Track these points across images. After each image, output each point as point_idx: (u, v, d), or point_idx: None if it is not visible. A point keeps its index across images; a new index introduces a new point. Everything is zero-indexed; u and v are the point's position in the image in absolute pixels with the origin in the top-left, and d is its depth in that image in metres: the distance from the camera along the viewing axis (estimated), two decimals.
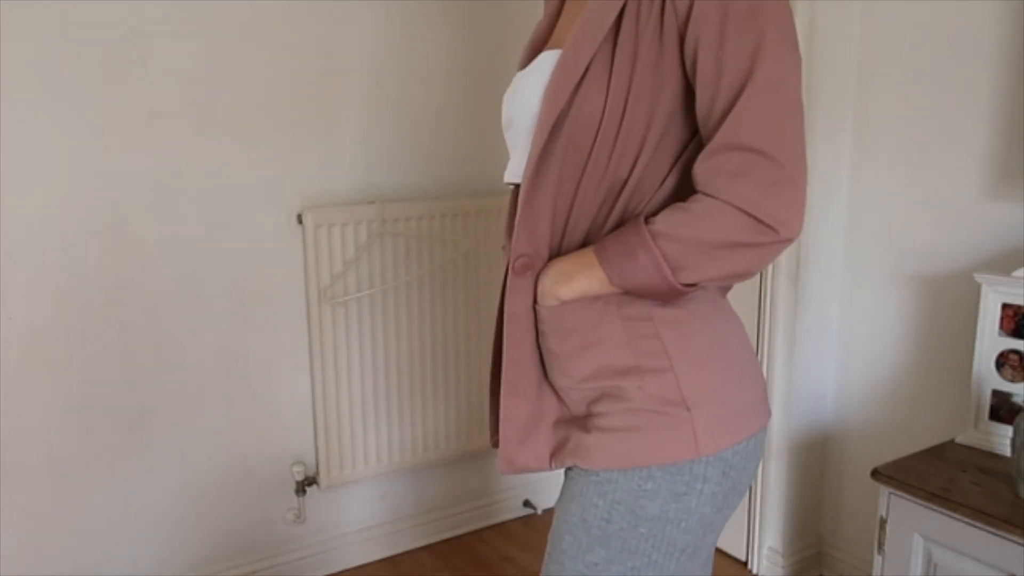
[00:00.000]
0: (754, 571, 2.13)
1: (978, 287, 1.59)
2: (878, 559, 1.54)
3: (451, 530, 2.38)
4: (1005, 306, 1.55)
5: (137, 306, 1.85)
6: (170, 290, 1.88)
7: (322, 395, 2.06)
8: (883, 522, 1.52)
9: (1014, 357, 1.54)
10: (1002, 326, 1.56)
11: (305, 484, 2.11)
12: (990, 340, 1.57)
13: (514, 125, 0.98)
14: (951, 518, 1.40)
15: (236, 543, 2.07)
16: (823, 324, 2.00)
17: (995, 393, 1.57)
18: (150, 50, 1.78)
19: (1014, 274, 1.53)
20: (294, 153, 1.98)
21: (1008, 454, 1.53)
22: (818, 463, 2.09)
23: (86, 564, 1.89)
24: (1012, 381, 1.55)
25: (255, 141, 1.93)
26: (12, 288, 1.72)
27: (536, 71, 0.94)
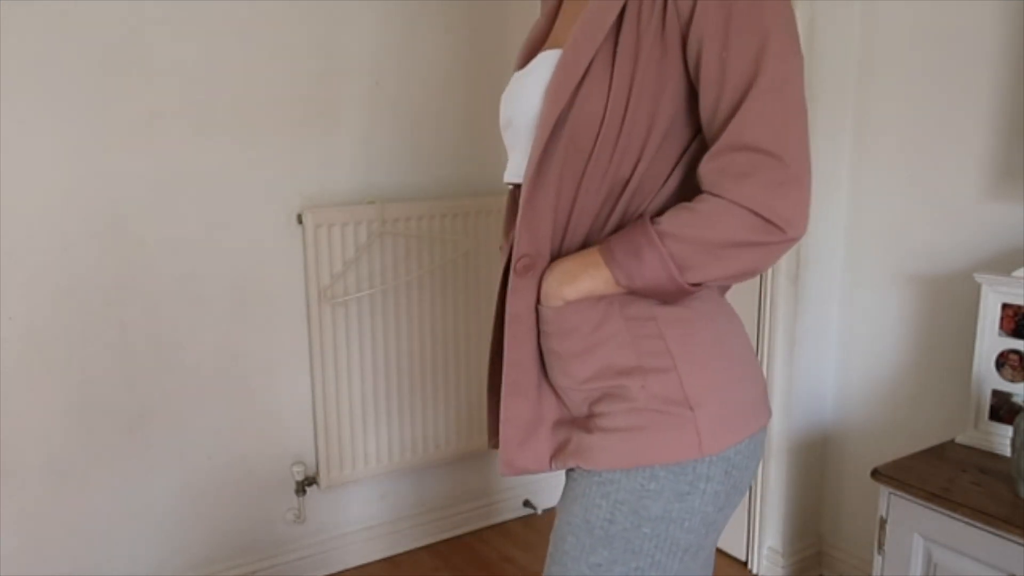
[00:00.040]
0: (754, 571, 2.13)
1: (978, 287, 1.59)
2: (878, 559, 1.54)
3: (451, 530, 2.38)
4: (1005, 306, 1.55)
5: (137, 306, 1.85)
6: (170, 290, 1.88)
7: (322, 395, 2.06)
8: (883, 522, 1.52)
9: (1014, 357, 1.54)
10: (1002, 326, 1.56)
11: (305, 484, 2.11)
12: (990, 340, 1.57)
13: (513, 125, 0.98)
14: (951, 518, 1.40)
15: (236, 543, 2.07)
16: (823, 324, 2.00)
17: (995, 393, 1.57)
18: (150, 50, 1.78)
19: (1014, 274, 1.53)
20: (294, 153, 1.98)
21: (1008, 454, 1.53)
22: (818, 463, 2.09)
23: (86, 564, 1.89)
24: (1012, 381, 1.55)
25: (255, 141, 1.93)
26: (12, 288, 1.72)
27: (535, 71, 0.94)
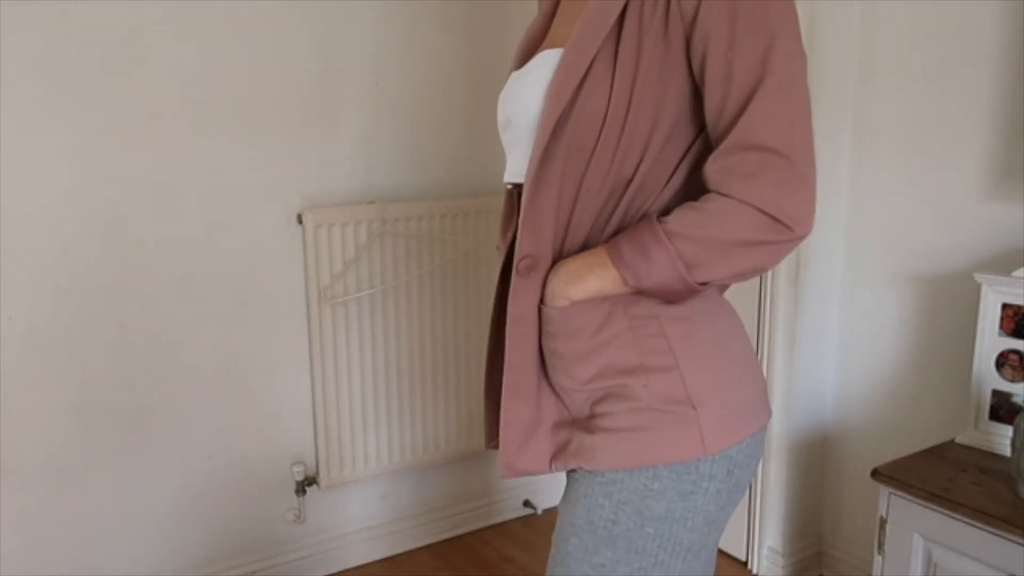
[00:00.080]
0: (754, 571, 2.13)
1: (978, 287, 1.59)
2: (878, 559, 1.54)
3: (451, 530, 2.38)
4: (1005, 306, 1.55)
5: (137, 306, 1.85)
6: (170, 290, 1.88)
7: (322, 395, 2.06)
8: (883, 522, 1.52)
9: (1014, 357, 1.54)
10: (1002, 326, 1.56)
11: (305, 484, 2.11)
12: (990, 340, 1.57)
13: (513, 125, 0.97)
14: (951, 518, 1.40)
15: (236, 543, 2.07)
16: (823, 324, 2.00)
17: (995, 393, 1.57)
18: (150, 50, 1.78)
19: (1014, 274, 1.53)
20: (294, 153, 1.98)
21: (1008, 454, 1.53)
22: (818, 463, 2.09)
23: (86, 564, 1.89)
24: (1012, 381, 1.55)
25: (255, 141, 1.93)
26: (12, 288, 1.72)
27: (535, 70, 0.94)
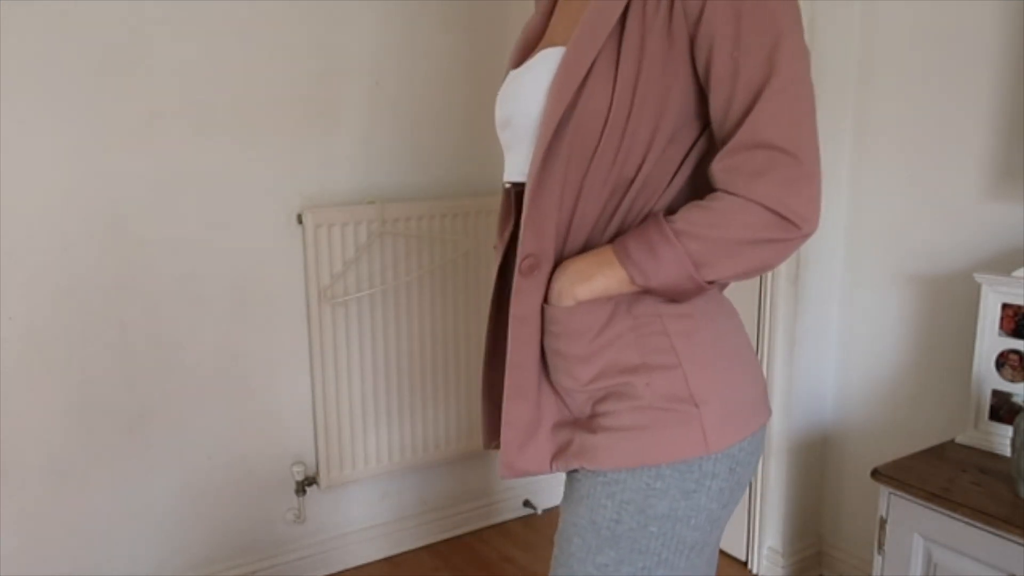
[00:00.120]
0: (754, 571, 2.13)
1: (978, 287, 1.59)
2: (878, 559, 1.54)
3: (451, 530, 2.38)
4: (1005, 306, 1.55)
5: (137, 306, 1.85)
6: (170, 290, 1.88)
7: (322, 395, 2.06)
8: (883, 522, 1.52)
9: (1014, 357, 1.54)
10: (1002, 326, 1.56)
11: (305, 484, 2.11)
12: (990, 340, 1.57)
13: (513, 124, 0.97)
14: (951, 518, 1.40)
15: (236, 543, 2.07)
16: (823, 324, 2.00)
17: (995, 393, 1.57)
18: (150, 50, 1.78)
19: (1014, 274, 1.53)
20: (294, 153, 1.98)
21: (1008, 454, 1.53)
22: (818, 463, 2.09)
23: (86, 564, 1.89)
24: (1012, 381, 1.55)
25: (255, 141, 1.93)
26: (12, 288, 1.72)
27: (534, 69, 0.93)
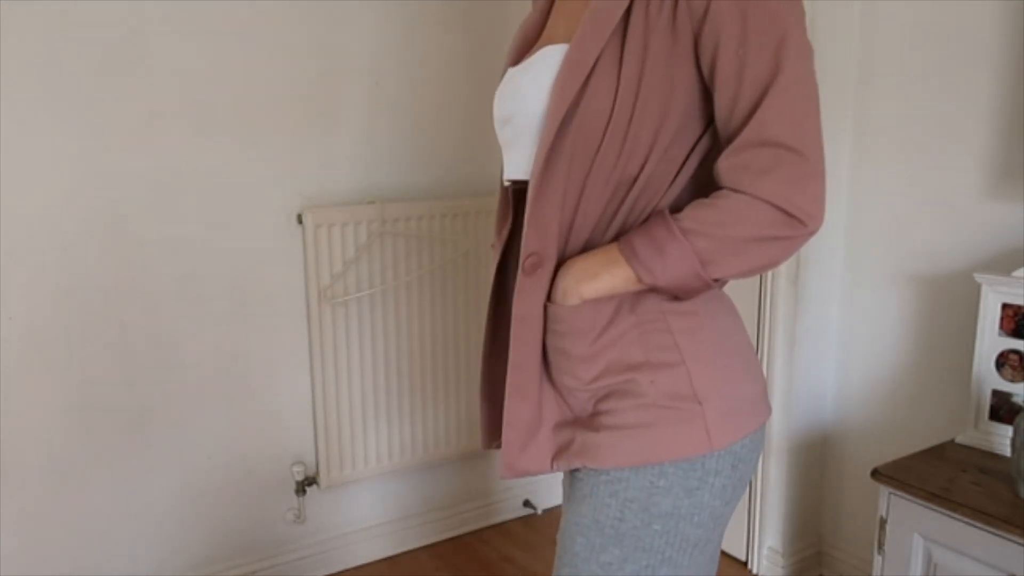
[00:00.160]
0: (754, 571, 2.13)
1: (978, 287, 1.59)
2: (878, 559, 1.54)
3: (451, 530, 2.38)
4: (1005, 306, 1.55)
5: (137, 306, 1.85)
6: (170, 290, 1.88)
7: (322, 395, 2.06)
8: (883, 522, 1.52)
9: (1014, 357, 1.54)
10: (1002, 326, 1.56)
11: (305, 484, 2.11)
12: (990, 340, 1.57)
13: (513, 121, 0.96)
14: (951, 518, 1.40)
15: (236, 543, 2.07)
16: (823, 324, 2.00)
17: (995, 393, 1.57)
18: (150, 50, 1.78)
19: (1014, 274, 1.53)
20: (294, 153, 1.98)
21: (1008, 454, 1.53)
22: (818, 463, 2.09)
23: (86, 564, 1.89)
24: (1012, 381, 1.55)
25: (255, 141, 1.93)
26: (12, 288, 1.72)
27: (535, 66, 0.93)
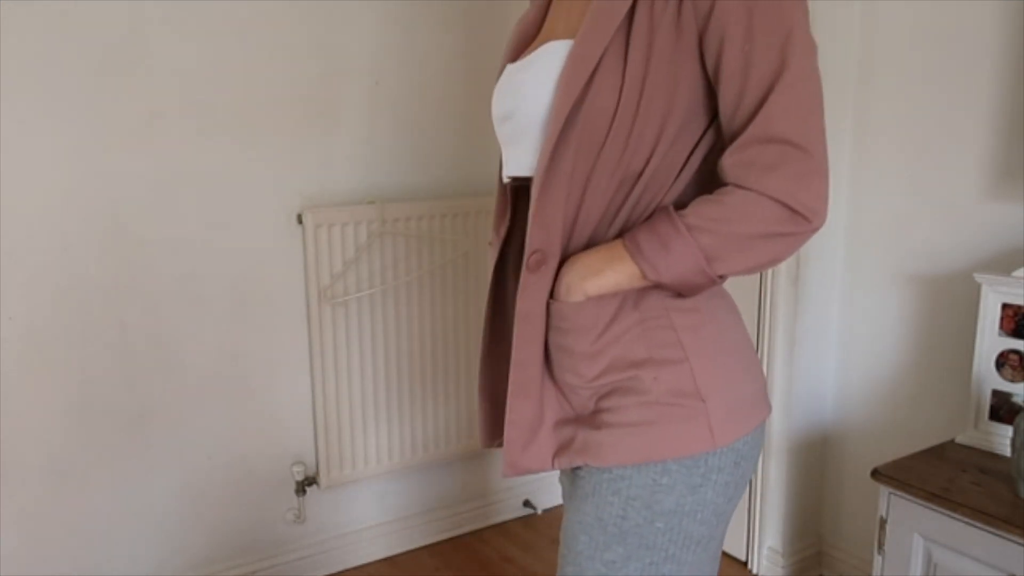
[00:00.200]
0: (754, 571, 2.13)
1: (978, 287, 1.59)
2: (878, 559, 1.54)
3: (451, 530, 2.38)
4: (1005, 306, 1.55)
5: (137, 306, 1.85)
6: (170, 290, 1.88)
7: (322, 395, 2.06)
8: (883, 522, 1.52)
9: (1014, 357, 1.54)
10: (1002, 326, 1.56)
11: (305, 484, 2.11)
12: (990, 340, 1.57)
13: (515, 118, 0.96)
14: (951, 518, 1.40)
15: (236, 543, 2.07)
16: (823, 324, 2.00)
17: (995, 393, 1.57)
18: (150, 50, 1.78)
19: (1014, 274, 1.53)
20: (294, 153, 1.98)
21: (1008, 454, 1.53)
22: (818, 463, 2.09)
23: (86, 564, 1.89)
24: (1012, 381, 1.55)
25: (255, 141, 1.93)
26: (12, 288, 1.72)
27: (538, 62, 0.92)
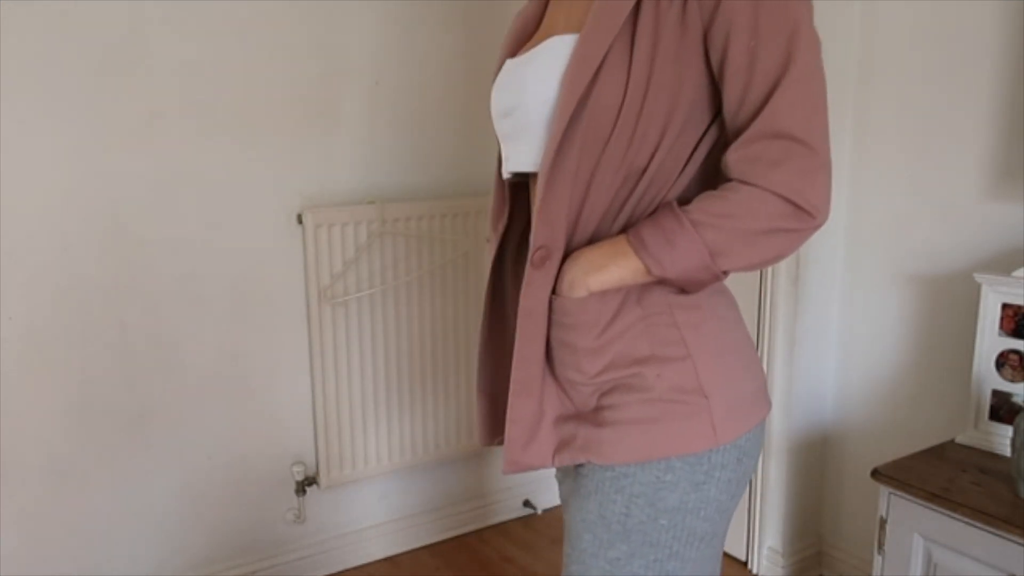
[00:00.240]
0: (754, 571, 2.13)
1: (978, 287, 1.59)
2: (878, 559, 1.54)
3: (451, 530, 2.38)
4: (1005, 306, 1.55)
5: (137, 306, 1.85)
6: (170, 290, 1.88)
7: (322, 395, 2.06)
8: (883, 522, 1.52)
9: (1014, 357, 1.54)
10: (1002, 326, 1.56)
11: (305, 484, 2.11)
12: (990, 340, 1.57)
13: (517, 113, 0.95)
14: (951, 518, 1.40)
15: (236, 543, 2.07)
16: (823, 324, 2.00)
17: (995, 393, 1.57)
18: (150, 50, 1.78)
19: (1014, 274, 1.53)
20: (294, 153, 1.98)
21: (1008, 454, 1.53)
22: (818, 463, 2.09)
23: (86, 564, 1.89)
24: (1012, 381, 1.55)
25: (255, 141, 1.93)
26: (12, 288, 1.72)
27: (540, 57, 0.92)
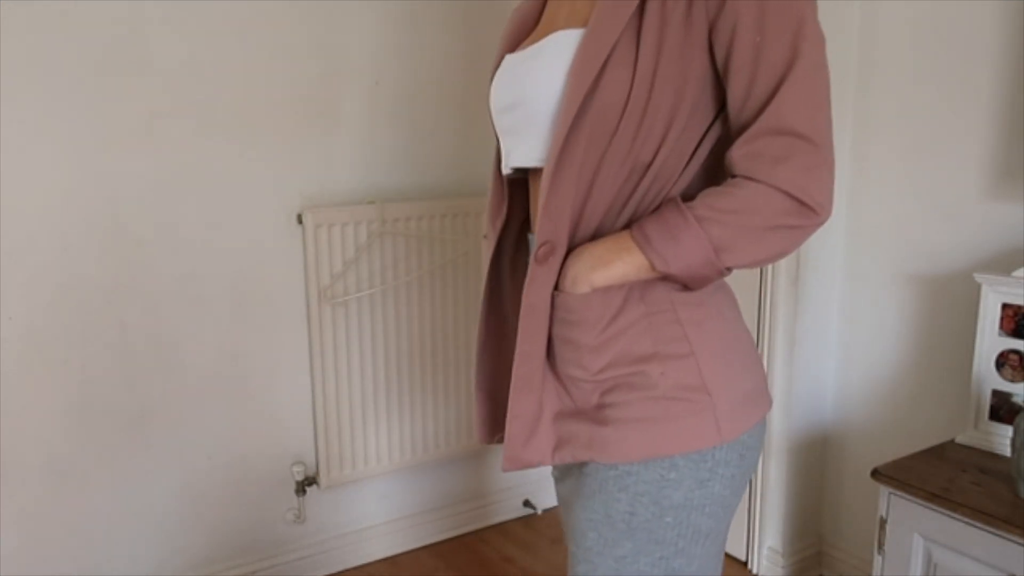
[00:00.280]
0: (754, 571, 2.13)
1: (978, 287, 1.59)
2: (878, 559, 1.54)
3: (451, 530, 2.38)
4: (1005, 306, 1.55)
5: (137, 306, 1.85)
6: (170, 290, 1.88)
7: (322, 395, 2.06)
8: (883, 522, 1.52)
9: (1014, 357, 1.54)
10: (1002, 326, 1.56)
11: (305, 484, 2.11)
12: (990, 340, 1.57)
13: (521, 108, 0.95)
14: (951, 518, 1.40)
15: (236, 543, 2.07)
16: (823, 324, 2.00)
17: (995, 393, 1.57)
18: (150, 50, 1.78)
19: (1014, 274, 1.54)
20: (294, 153, 1.98)
21: (1008, 454, 1.54)
22: (818, 463, 2.09)
23: (86, 564, 1.89)
24: (1012, 381, 1.55)
25: (255, 141, 1.93)
26: (12, 288, 1.72)
27: (545, 52, 0.92)
